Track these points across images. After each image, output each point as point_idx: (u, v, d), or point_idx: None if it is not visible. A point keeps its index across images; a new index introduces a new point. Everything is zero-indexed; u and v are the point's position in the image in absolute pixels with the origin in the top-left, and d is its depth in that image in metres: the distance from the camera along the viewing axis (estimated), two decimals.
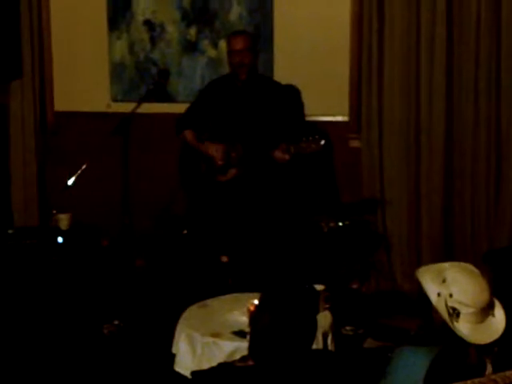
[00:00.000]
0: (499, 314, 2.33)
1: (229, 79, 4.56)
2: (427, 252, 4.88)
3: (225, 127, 4.41)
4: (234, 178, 4.34)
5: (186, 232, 4.76)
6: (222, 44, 4.99)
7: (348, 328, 4.14)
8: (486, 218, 4.84)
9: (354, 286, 4.80)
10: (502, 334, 2.29)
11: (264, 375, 2.14)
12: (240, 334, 3.04)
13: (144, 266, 4.80)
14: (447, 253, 4.85)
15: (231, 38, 4.53)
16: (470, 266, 2.38)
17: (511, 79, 4.69)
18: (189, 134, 4.50)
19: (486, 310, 2.29)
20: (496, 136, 4.78)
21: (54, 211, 4.83)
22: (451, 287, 2.28)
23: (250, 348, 2.21)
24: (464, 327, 2.27)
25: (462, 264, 2.39)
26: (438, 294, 2.29)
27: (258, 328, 2.13)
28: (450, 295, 2.27)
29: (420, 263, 4.80)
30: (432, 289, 2.31)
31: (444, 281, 2.30)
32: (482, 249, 4.77)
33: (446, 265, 2.38)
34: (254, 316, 2.19)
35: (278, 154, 4.19)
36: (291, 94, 4.63)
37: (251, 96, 4.40)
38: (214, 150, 4.34)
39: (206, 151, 4.40)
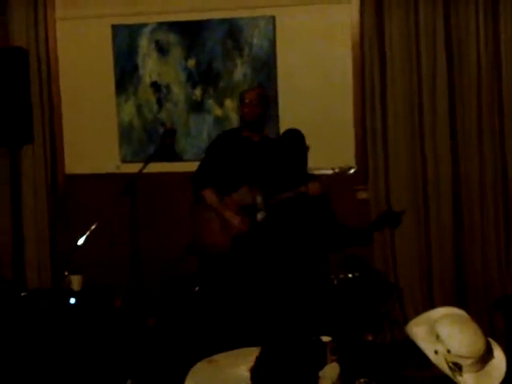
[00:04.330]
0: (498, 353, 2.32)
1: (237, 132, 4.56)
2: (440, 299, 4.85)
3: (240, 177, 4.43)
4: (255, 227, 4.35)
5: (197, 289, 4.77)
6: (227, 103, 5.11)
7: (362, 380, 4.10)
8: (497, 265, 4.83)
9: (369, 338, 4.76)
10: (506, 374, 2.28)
11: None
12: None
13: (156, 325, 4.80)
14: (459, 299, 4.82)
15: (246, 91, 4.57)
16: (459, 312, 2.37)
17: None
18: (209, 195, 4.44)
19: (486, 355, 2.27)
20: (503, 183, 4.81)
21: (66, 273, 4.86)
22: (447, 343, 2.25)
23: None
24: (469, 379, 2.25)
25: (450, 312, 2.37)
26: (436, 352, 2.27)
27: (258, 381, 2.13)
28: (448, 351, 2.24)
29: None
30: (428, 347, 2.29)
31: (438, 337, 2.28)
32: (494, 295, 4.76)
33: (435, 316, 2.36)
34: (254, 369, 2.19)
35: (313, 185, 4.26)
36: (298, 141, 4.70)
37: (261, 148, 4.46)
38: (232, 219, 4.33)
39: (224, 216, 4.38)
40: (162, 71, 5.25)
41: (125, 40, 5.28)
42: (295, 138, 4.82)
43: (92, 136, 5.38)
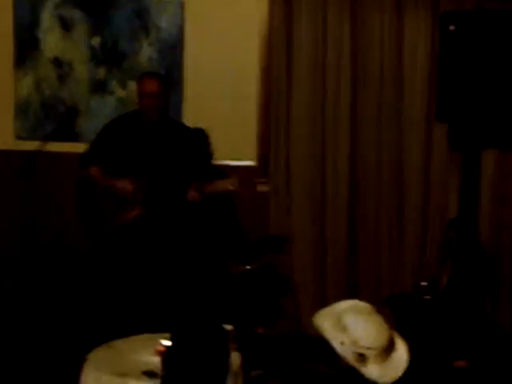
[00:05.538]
0: (400, 345, 2.38)
1: (135, 117, 4.40)
2: (332, 294, 4.93)
3: (131, 164, 4.30)
4: (138, 217, 4.22)
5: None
6: (131, 84, 4.97)
7: (255, 372, 4.12)
8: (387, 263, 4.97)
9: (260, 331, 4.78)
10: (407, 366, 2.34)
11: None
12: (149, 374, 2.95)
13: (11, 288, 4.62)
14: (351, 296, 4.91)
15: (145, 80, 4.36)
16: (364, 305, 2.42)
17: (411, 111, 4.86)
18: (94, 170, 4.29)
19: (390, 347, 2.33)
20: (398, 179, 4.93)
21: None
22: (353, 334, 2.30)
23: None
24: (373, 369, 2.30)
25: (356, 305, 2.43)
26: (342, 343, 2.31)
27: (171, 368, 2.09)
28: (354, 342, 2.29)
29: (325, 306, 4.85)
30: (335, 338, 2.33)
31: (344, 328, 2.32)
32: (384, 292, 4.89)
33: (341, 308, 2.41)
34: (167, 356, 2.15)
35: (190, 192, 4.19)
36: (200, 138, 4.63)
37: (160, 135, 4.34)
38: (124, 185, 4.22)
39: (114, 186, 4.21)
40: (64, 47, 5.06)
41: (26, 12, 5.06)
42: (201, 138, 4.71)
43: None
